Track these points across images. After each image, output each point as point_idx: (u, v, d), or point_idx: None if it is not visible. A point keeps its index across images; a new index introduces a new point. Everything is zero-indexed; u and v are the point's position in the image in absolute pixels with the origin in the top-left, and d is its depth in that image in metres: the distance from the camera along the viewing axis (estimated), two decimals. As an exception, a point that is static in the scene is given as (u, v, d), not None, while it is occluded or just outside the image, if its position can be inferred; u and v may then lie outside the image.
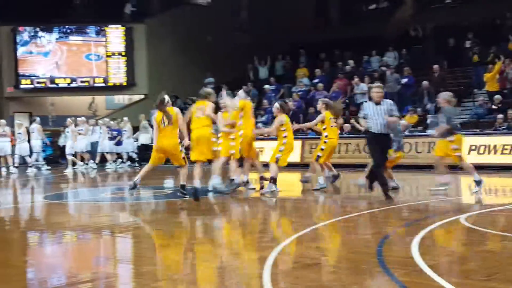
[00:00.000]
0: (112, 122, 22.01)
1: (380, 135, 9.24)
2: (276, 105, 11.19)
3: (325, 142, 11.34)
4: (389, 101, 9.54)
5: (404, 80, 19.86)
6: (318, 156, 11.36)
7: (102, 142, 20.98)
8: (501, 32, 21.90)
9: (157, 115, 9.95)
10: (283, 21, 29.52)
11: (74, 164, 20.26)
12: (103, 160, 21.23)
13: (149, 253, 6.11)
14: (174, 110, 9.80)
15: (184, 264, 5.33)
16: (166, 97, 9.88)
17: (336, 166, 16.74)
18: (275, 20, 29.50)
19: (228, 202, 10.13)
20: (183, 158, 10.02)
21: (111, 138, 21.16)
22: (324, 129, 11.35)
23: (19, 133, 20.21)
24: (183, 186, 9.97)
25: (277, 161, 10.64)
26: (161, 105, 9.74)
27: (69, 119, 20.83)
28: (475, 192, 10.04)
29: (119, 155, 21.69)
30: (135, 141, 22.18)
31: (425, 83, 19.24)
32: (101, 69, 26.34)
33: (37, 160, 21.02)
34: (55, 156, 24.21)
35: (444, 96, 10.53)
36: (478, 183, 10.07)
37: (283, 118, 10.82)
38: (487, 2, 26.47)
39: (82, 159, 20.85)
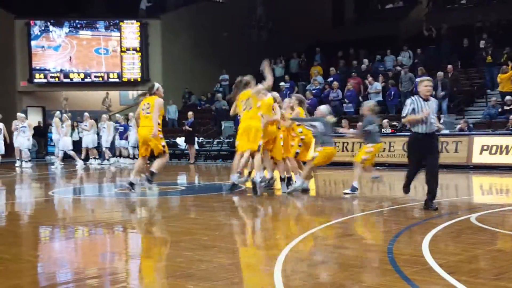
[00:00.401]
0: (118, 116, 22.03)
1: (426, 136, 8.14)
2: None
3: (302, 138, 10.98)
4: (434, 99, 8.55)
5: (418, 79, 19.79)
6: (297, 153, 11.00)
7: (106, 137, 21.01)
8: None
9: (141, 102, 10.10)
10: (299, 19, 29.59)
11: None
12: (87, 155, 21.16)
13: (161, 249, 6.21)
14: (154, 100, 9.90)
15: (195, 261, 5.42)
16: (156, 85, 9.98)
17: (350, 164, 16.81)
18: (291, 18, 29.58)
19: (242, 199, 10.20)
20: (163, 146, 10.06)
21: (121, 133, 21.18)
22: (298, 125, 10.93)
23: (23, 127, 20.24)
24: (152, 173, 10.03)
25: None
26: (149, 91, 9.87)
27: (64, 115, 20.76)
28: (346, 193, 10.22)
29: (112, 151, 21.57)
30: None
31: (440, 74, 19.13)
32: (109, 63, 26.42)
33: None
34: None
35: (368, 105, 10.86)
36: (354, 189, 10.14)
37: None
38: (501, 4, 26.40)
39: (87, 154, 20.93)
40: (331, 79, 22.13)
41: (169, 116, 25.55)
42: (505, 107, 17.39)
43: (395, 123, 17.99)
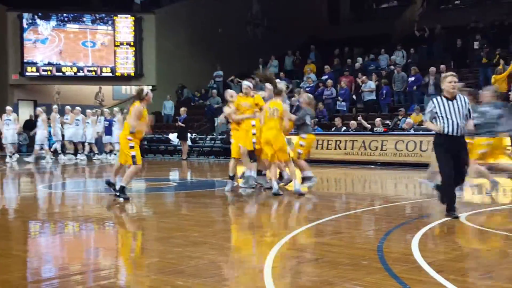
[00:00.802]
0: (105, 111, 21.80)
1: (454, 138, 7.30)
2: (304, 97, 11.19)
3: (303, 137, 10.81)
4: (463, 96, 7.50)
5: (411, 79, 19.87)
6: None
7: (87, 132, 20.71)
8: (508, 34, 21.92)
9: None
10: (294, 17, 29.64)
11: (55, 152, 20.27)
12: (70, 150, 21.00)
13: (151, 245, 6.22)
14: (134, 105, 9.11)
15: (185, 257, 5.44)
16: (145, 90, 9.38)
17: (343, 162, 16.93)
18: (286, 16, 29.61)
19: (234, 196, 10.22)
20: (132, 156, 9.00)
21: (107, 128, 20.97)
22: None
23: (8, 120, 19.99)
24: (122, 189, 9.13)
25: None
26: (135, 96, 9.28)
27: (39, 108, 20.52)
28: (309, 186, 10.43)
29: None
30: None
31: (432, 69, 19.17)
32: (96, 56, 26.27)
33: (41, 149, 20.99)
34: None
35: (305, 98, 10.98)
36: (299, 192, 9.99)
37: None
38: (495, 4, 26.53)
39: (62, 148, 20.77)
40: (325, 76, 22.15)
41: (165, 112, 25.52)
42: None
43: (387, 122, 18.06)
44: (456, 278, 4.53)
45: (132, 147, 8.96)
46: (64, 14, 26.34)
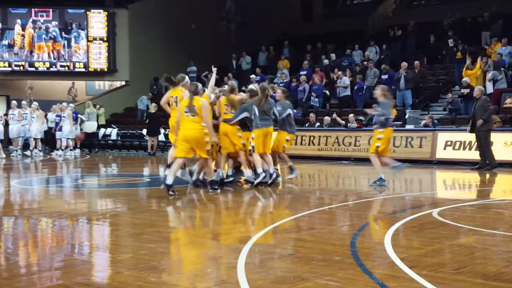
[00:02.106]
0: (54, 107, 21.49)
1: None
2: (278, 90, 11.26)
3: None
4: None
5: (385, 77, 19.98)
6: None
7: (31, 127, 20.36)
8: (480, 30, 22.21)
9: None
10: (268, 13, 29.64)
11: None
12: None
13: (125, 241, 6.16)
14: (199, 101, 9.23)
15: (158, 253, 5.40)
16: (187, 78, 10.28)
17: (316, 158, 16.99)
18: (260, 11, 29.59)
19: (207, 191, 10.18)
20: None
21: (57, 123, 20.66)
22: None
23: (12, 114, 20.03)
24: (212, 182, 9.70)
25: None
26: (194, 92, 9.43)
27: None
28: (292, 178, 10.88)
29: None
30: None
31: (404, 64, 19.30)
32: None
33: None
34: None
35: (282, 92, 11.33)
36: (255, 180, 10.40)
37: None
38: (468, 1, 26.83)
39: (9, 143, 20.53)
40: (304, 72, 22.17)
41: (139, 107, 25.34)
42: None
43: (361, 117, 18.16)
44: (429, 273, 4.56)
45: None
46: (36, 9, 25.94)
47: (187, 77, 10.54)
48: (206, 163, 9.69)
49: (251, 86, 10.94)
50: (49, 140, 22.26)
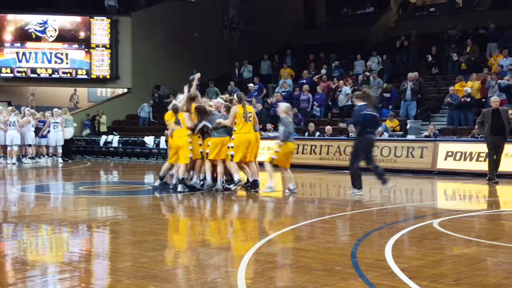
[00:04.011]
0: (43, 114, 21.21)
1: None
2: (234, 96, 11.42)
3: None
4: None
5: (387, 95, 20.00)
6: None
7: (26, 134, 19.95)
8: (482, 41, 22.25)
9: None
10: (270, 22, 29.74)
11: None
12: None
13: (125, 249, 6.17)
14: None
15: (159, 261, 5.40)
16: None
17: (317, 167, 16.98)
18: (263, 20, 29.69)
19: (209, 200, 10.19)
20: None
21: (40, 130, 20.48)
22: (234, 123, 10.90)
23: (56, 122, 20.00)
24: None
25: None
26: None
27: None
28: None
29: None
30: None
31: (410, 75, 19.28)
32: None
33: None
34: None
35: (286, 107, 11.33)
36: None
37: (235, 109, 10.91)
38: (469, 12, 26.95)
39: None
40: (303, 81, 22.18)
41: (141, 115, 25.37)
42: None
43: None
44: (429, 284, 4.56)
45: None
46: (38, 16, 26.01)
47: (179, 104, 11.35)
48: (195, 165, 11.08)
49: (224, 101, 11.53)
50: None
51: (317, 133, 18.79)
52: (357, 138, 10.78)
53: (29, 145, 20.04)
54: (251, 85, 22.91)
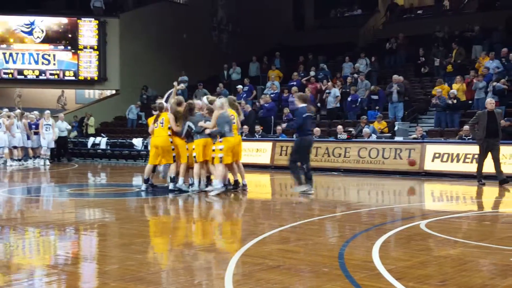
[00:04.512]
0: (31, 115, 21.04)
1: None
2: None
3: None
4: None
5: (375, 97, 20.09)
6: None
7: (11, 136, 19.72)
8: (469, 44, 22.41)
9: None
10: (259, 24, 29.76)
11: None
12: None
13: (112, 251, 6.15)
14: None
15: (145, 264, 5.39)
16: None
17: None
18: (252, 22, 29.71)
19: (196, 201, 10.18)
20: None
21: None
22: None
23: (48, 125, 19.90)
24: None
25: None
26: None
27: None
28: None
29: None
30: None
31: (395, 77, 19.41)
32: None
33: None
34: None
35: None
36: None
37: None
38: (457, 15, 27.14)
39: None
40: (294, 83, 22.20)
41: (129, 116, 25.28)
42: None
43: (351, 129, 18.22)
44: (415, 285, 4.59)
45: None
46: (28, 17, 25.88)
47: (166, 104, 11.59)
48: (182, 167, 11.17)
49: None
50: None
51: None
52: (297, 139, 11.15)
53: (15, 147, 19.89)
54: (240, 87, 22.93)
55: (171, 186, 11.07)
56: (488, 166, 13.73)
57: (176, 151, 11.17)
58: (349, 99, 20.43)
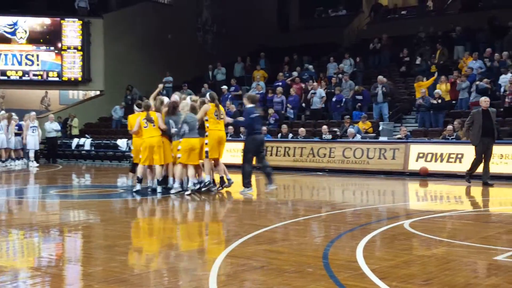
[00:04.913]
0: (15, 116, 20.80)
1: None
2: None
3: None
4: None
5: (359, 97, 20.18)
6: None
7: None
8: (452, 44, 22.57)
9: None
10: (244, 24, 29.75)
11: None
12: None
13: (96, 253, 6.12)
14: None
15: (129, 265, 5.36)
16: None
17: (291, 169, 17.02)
18: (237, 23, 29.70)
19: (180, 202, 10.16)
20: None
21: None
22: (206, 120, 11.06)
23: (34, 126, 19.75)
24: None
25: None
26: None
27: None
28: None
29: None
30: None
31: (380, 78, 19.53)
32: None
33: None
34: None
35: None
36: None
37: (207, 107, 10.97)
38: (440, 15, 27.33)
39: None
40: (279, 83, 22.22)
41: (114, 117, 25.15)
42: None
43: (336, 129, 18.29)
44: (398, 284, 4.61)
45: None
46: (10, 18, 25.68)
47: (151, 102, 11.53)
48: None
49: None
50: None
51: (290, 135, 18.86)
52: (246, 139, 11.35)
53: None
54: (225, 87, 22.91)
55: (159, 189, 11.00)
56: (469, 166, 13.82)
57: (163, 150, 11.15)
58: (333, 99, 20.49)
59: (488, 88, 17.63)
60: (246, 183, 11.15)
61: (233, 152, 17.21)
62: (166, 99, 11.72)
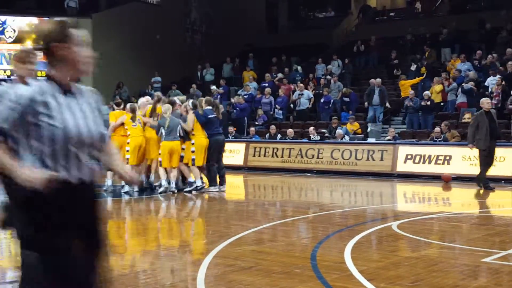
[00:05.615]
0: None
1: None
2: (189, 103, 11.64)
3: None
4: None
5: (347, 99, 20.24)
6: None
7: None
8: (440, 46, 22.69)
9: None
10: (233, 25, 29.73)
11: None
12: None
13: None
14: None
15: (116, 266, 5.32)
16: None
17: (279, 170, 17.00)
18: (225, 23, 29.67)
19: (169, 203, 10.12)
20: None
21: None
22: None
23: None
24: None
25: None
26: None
27: None
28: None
29: None
30: None
31: (372, 81, 19.60)
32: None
33: None
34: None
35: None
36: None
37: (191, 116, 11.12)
38: (429, 17, 27.46)
39: None
40: (265, 84, 22.21)
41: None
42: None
43: (324, 130, 18.30)
44: (386, 286, 4.61)
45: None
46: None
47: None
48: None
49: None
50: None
51: (279, 136, 18.85)
52: (210, 140, 11.33)
53: None
54: (213, 87, 22.87)
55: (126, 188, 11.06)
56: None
57: (147, 147, 11.18)
58: (322, 100, 20.51)
59: (473, 89, 17.72)
60: (213, 182, 11.38)
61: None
62: (177, 100, 11.87)
